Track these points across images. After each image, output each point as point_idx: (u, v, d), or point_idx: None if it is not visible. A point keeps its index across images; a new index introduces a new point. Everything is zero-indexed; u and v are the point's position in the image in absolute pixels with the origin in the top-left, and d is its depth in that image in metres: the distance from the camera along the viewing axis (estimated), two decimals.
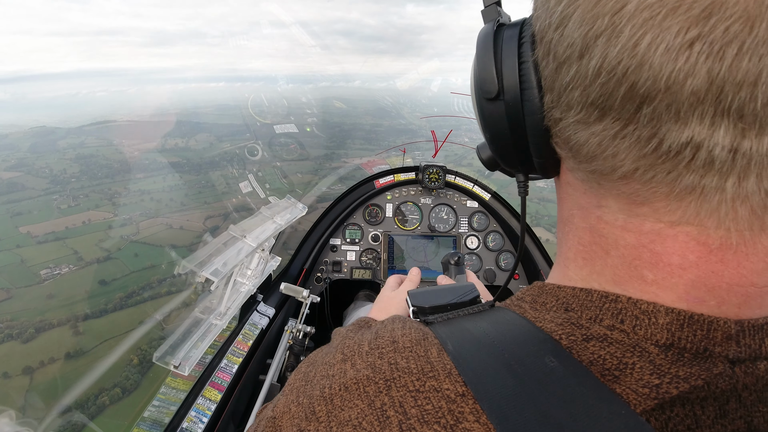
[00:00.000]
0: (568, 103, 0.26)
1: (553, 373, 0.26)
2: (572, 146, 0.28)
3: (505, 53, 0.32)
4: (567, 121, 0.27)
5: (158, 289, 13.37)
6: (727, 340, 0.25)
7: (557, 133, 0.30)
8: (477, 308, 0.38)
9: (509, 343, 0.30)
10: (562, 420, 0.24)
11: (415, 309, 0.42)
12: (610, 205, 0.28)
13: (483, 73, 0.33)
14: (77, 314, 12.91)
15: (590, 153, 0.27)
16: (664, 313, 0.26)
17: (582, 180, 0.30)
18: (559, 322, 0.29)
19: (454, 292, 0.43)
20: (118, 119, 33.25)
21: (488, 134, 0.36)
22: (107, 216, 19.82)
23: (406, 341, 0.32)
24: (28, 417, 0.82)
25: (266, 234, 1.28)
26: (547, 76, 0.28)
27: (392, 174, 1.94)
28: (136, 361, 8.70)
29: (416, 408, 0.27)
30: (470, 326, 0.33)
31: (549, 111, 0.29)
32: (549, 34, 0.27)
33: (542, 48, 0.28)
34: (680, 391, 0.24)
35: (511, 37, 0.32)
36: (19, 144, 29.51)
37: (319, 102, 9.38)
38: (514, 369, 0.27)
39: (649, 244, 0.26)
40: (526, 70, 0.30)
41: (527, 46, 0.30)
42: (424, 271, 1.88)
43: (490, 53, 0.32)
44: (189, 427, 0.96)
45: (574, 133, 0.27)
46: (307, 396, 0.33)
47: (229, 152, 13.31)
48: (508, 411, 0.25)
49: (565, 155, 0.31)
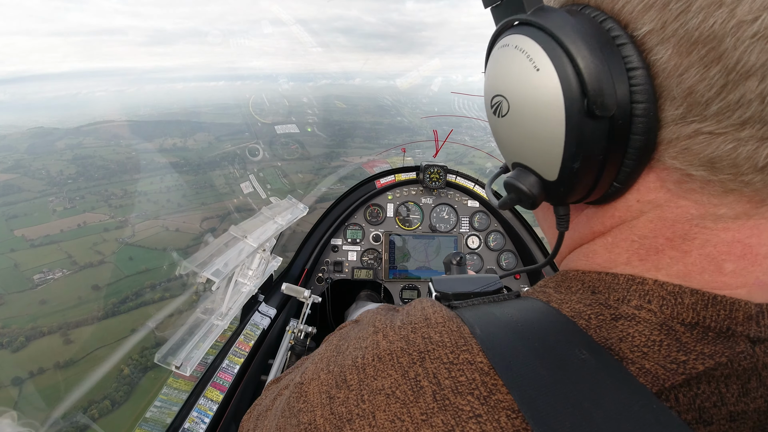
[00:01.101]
0: (748, 119, 0.23)
1: (584, 364, 0.26)
2: (721, 160, 0.25)
3: (608, 52, 0.26)
4: (731, 136, 0.24)
5: (152, 295, 13.19)
6: (747, 320, 0.26)
7: (689, 148, 0.26)
8: (502, 296, 0.38)
9: (537, 330, 0.30)
10: (592, 411, 0.24)
11: (438, 295, 0.42)
12: (722, 213, 0.27)
13: (595, 84, 0.26)
14: (69, 321, 12.68)
15: (752, 165, 0.24)
16: (690, 294, 0.27)
17: (691, 192, 0.27)
18: (588, 303, 0.30)
19: (479, 281, 0.43)
20: (116, 119, 32.99)
21: (576, 163, 0.28)
22: (103, 218, 19.62)
23: (438, 317, 0.32)
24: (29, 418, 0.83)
25: (267, 234, 1.28)
26: (696, 86, 0.24)
27: (393, 174, 1.94)
28: (127, 371, 8.41)
29: (450, 379, 0.28)
30: (496, 311, 0.33)
31: (682, 125, 0.25)
32: (729, 41, 0.22)
33: (697, 55, 0.23)
34: (706, 367, 0.25)
35: (598, 29, 0.27)
36: (16, 145, 29.26)
37: (320, 101, 9.40)
38: (543, 358, 0.27)
39: (746, 238, 0.27)
40: (640, 77, 0.26)
41: (631, 49, 0.26)
42: (425, 272, 1.87)
43: (598, 56, 0.26)
44: (191, 427, 0.96)
45: (736, 147, 0.24)
46: (338, 365, 0.33)
47: (230, 152, 13.23)
48: (538, 400, 0.25)
49: (686, 170, 0.27)
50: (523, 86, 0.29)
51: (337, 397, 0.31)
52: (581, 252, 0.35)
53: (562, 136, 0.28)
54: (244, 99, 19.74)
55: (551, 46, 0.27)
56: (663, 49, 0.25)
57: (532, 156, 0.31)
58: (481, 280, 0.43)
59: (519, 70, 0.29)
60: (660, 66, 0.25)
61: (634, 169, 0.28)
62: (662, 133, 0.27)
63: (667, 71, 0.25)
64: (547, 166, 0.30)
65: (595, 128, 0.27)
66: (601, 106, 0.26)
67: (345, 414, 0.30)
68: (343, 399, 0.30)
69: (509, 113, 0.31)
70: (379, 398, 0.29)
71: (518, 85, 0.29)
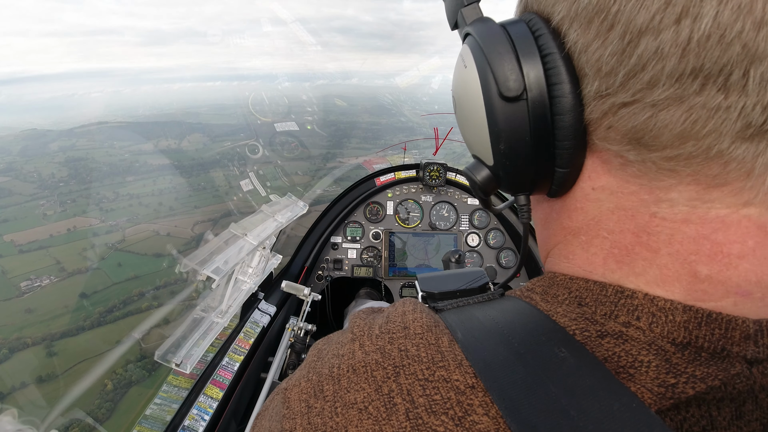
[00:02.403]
0: (650, 80, 0.23)
1: (563, 363, 0.26)
2: (642, 134, 0.25)
3: (522, 46, 0.28)
4: (642, 103, 0.24)
5: (138, 304, 12.80)
6: (745, 340, 0.24)
7: (612, 125, 0.26)
8: (486, 296, 0.37)
9: (518, 331, 0.29)
10: (572, 411, 0.23)
11: (425, 294, 0.41)
12: (674, 198, 0.26)
13: (499, 69, 0.29)
14: (53, 332, 12.23)
15: (678, 135, 0.24)
16: (682, 311, 0.25)
17: (635, 176, 0.27)
18: (573, 317, 0.29)
19: (464, 278, 0.43)
20: (110, 120, 32.49)
21: (502, 145, 0.31)
22: (93, 222, 19.12)
23: (417, 327, 0.32)
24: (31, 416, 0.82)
25: (267, 232, 1.28)
26: (601, 58, 0.25)
27: (393, 172, 1.94)
28: (110, 386, 7.77)
29: (424, 397, 0.27)
30: (479, 314, 0.33)
31: (599, 101, 0.26)
32: (615, 6, 0.23)
33: (594, 28, 0.25)
34: (697, 391, 0.24)
35: (521, 30, 0.29)
36: (9, 147, 28.64)
37: (320, 100, 9.35)
38: (523, 357, 0.27)
39: (711, 234, 0.25)
40: (554, 61, 0.27)
41: (547, 37, 0.28)
42: (425, 269, 1.88)
43: (505, 46, 0.29)
44: (191, 424, 0.96)
45: (652, 116, 0.24)
46: (316, 373, 0.33)
47: (229, 151, 13.03)
48: (518, 400, 0.25)
49: (617, 150, 0.27)
50: (458, 82, 0.34)
51: (314, 407, 0.30)
52: (560, 252, 0.34)
53: (485, 119, 0.31)
54: (243, 98, 19.58)
55: (474, 46, 0.31)
56: (572, 31, 0.26)
57: (474, 143, 0.35)
58: (466, 276, 0.43)
59: (457, 70, 0.34)
60: (573, 47, 0.26)
61: (571, 152, 0.29)
62: (587, 113, 0.27)
63: (578, 50, 0.26)
64: (484, 151, 0.33)
65: (512, 109, 0.29)
66: (506, 88, 0.28)
67: (320, 425, 0.29)
68: (320, 410, 0.30)
69: (457, 109, 0.36)
70: (352, 413, 0.28)
71: (456, 82, 0.34)
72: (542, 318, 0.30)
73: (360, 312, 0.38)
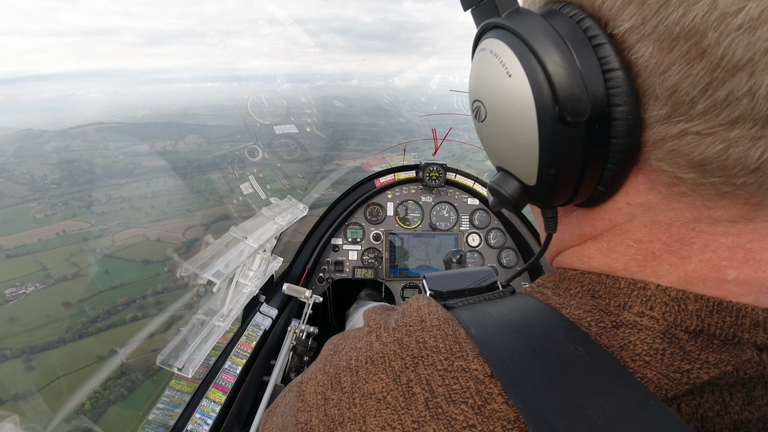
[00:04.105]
0: (735, 118, 0.22)
1: (580, 361, 0.26)
2: (710, 162, 0.24)
3: (583, 58, 0.25)
4: (718, 136, 0.23)
5: (123, 314, 12.23)
6: (755, 327, 0.25)
7: (676, 149, 0.25)
8: (497, 294, 0.37)
9: (533, 329, 0.29)
10: (589, 409, 0.23)
11: (433, 293, 0.41)
12: (718, 216, 0.26)
13: (563, 89, 0.25)
14: (34, 344, 11.60)
15: (749, 169, 0.23)
16: (694, 300, 0.26)
17: (683, 195, 0.26)
18: (588, 309, 0.29)
19: (473, 276, 0.43)
20: (106, 121, 31.85)
21: (553, 169, 0.28)
22: (83, 226, 18.48)
23: (434, 320, 0.32)
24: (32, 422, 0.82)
25: (267, 235, 1.27)
26: (680, 84, 0.23)
27: (393, 173, 1.94)
28: (88, 405, 7.07)
29: (443, 387, 0.27)
30: (492, 311, 0.32)
31: (667, 125, 0.24)
32: (713, 34, 0.21)
33: (679, 51, 0.22)
34: (711, 376, 0.24)
35: (574, 33, 0.25)
36: (4, 148, 28.02)
37: (319, 102, 9.30)
38: (539, 355, 0.27)
39: (747, 243, 0.26)
40: (619, 80, 0.24)
41: (608, 49, 0.24)
42: (426, 270, 1.87)
43: (568, 59, 0.25)
44: (194, 429, 0.96)
45: (725, 149, 0.23)
46: (333, 366, 0.33)
47: (228, 154, 12.80)
48: (534, 397, 0.25)
49: (674, 172, 0.26)
50: (498, 92, 0.29)
51: (331, 398, 0.31)
52: (574, 254, 0.34)
53: (537, 142, 0.27)
54: (241, 99, 19.18)
55: (522, 51, 0.26)
56: (644, 47, 0.23)
57: (512, 161, 0.31)
58: (474, 275, 0.43)
59: (493, 75, 0.29)
60: (642, 64, 0.24)
61: (618, 173, 0.27)
62: (647, 134, 0.25)
63: (649, 69, 0.24)
64: (525, 171, 0.30)
65: (570, 134, 0.26)
66: (573, 112, 0.25)
67: (337, 416, 0.29)
68: (337, 401, 0.30)
69: (487, 118, 0.31)
70: (370, 402, 0.28)
71: (493, 91, 0.29)
72: (556, 315, 0.30)
73: (374, 308, 0.38)
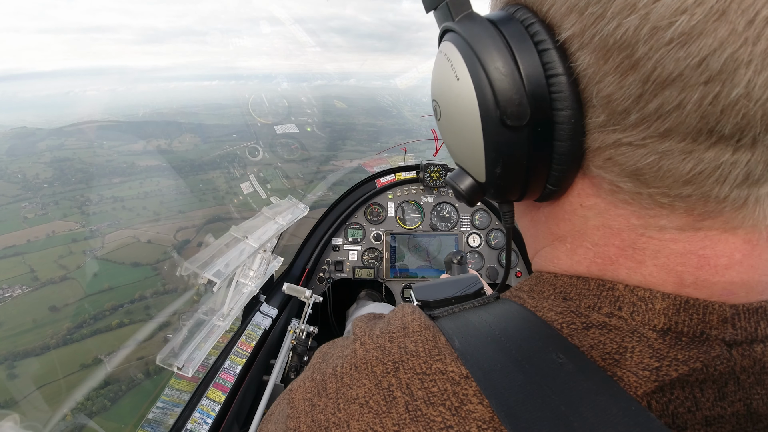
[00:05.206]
0: (665, 131, 0.22)
1: (561, 369, 0.26)
2: (643, 173, 0.24)
3: (526, 62, 0.25)
4: (650, 148, 0.23)
5: (110, 320, 11.85)
6: (722, 323, 0.25)
7: (612, 158, 0.25)
8: (481, 300, 0.38)
9: (515, 337, 0.29)
10: (571, 417, 0.24)
11: (420, 303, 0.42)
12: (664, 224, 0.26)
13: (503, 94, 0.26)
14: (17, 350, 11.30)
15: (681, 181, 0.24)
16: (661, 299, 0.26)
17: (626, 203, 0.27)
18: (559, 311, 0.30)
19: (458, 284, 0.43)
20: (101, 119, 31.36)
21: (498, 168, 0.29)
22: (73, 227, 17.89)
23: (416, 326, 0.33)
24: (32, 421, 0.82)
25: (268, 235, 1.27)
26: (614, 95, 0.23)
27: (393, 173, 1.94)
28: (70, 417, 6.99)
29: (423, 390, 0.28)
30: (475, 320, 0.33)
31: (603, 133, 0.25)
32: (643, 48, 0.21)
33: (613, 62, 0.22)
34: (680, 373, 0.24)
35: (520, 36, 0.26)
36: None
37: (319, 101, 9.25)
38: (521, 365, 0.27)
39: (699, 249, 0.26)
40: (560, 85, 0.25)
41: (553, 54, 0.25)
42: (426, 271, 1.87)
43: (508, 64, 0.25)
44: (193, 428, 0.96)
45: (657, 161, 0.24)
46: (321, 373, 0.34)
47: (228, 153, 12.65)
48: (516, 407, 0.25)
49: (612, 179, 0.26)
50: (448, 94, 0.30)
51: (318, 404, 0.31)
52: (546, 256, 0.35)
53: (482, 143, 0.29)
54: (241, 98, 19.26)
55: (469, 56, 0.27)
56: (583, 55, 0.24)
57: (464, 158, 0.33)
58: (460, 283, 0.44)
59: (445, 77, 0.30)
60: (581, 72, 0.24)
61: (564, 173, 0.28)
62: (588, 141, 0.26)
63: (587, 78, 0.24)
64: (476, 169, 0.32)
65: (513, 136, 0.27)
66: (513, 116, 0.26)
67: (323, 422, 0.30)
68: (323, 407, 0.31)
69: (442, 118, 0.33)
70: (353, 407, 0.29)
71: (445, 93, 0.30)
72: (537, 321, 0.30)
73: (362, 317, 0.40)
